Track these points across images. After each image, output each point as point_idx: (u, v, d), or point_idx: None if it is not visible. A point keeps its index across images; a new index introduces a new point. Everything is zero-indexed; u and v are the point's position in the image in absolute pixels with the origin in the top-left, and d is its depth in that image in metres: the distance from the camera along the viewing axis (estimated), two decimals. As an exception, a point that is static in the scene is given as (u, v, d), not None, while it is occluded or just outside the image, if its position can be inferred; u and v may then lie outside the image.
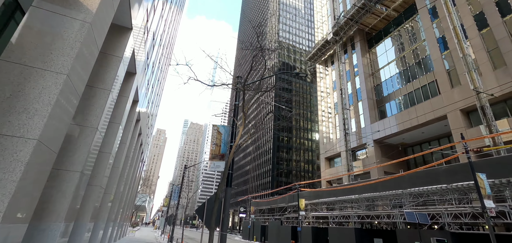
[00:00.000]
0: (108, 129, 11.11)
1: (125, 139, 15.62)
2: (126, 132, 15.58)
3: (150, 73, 21.66)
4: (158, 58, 26.05)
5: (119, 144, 14.29)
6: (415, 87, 29.97)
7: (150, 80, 23.24)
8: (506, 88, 19.72)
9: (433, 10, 28.07)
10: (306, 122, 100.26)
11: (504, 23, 21.06)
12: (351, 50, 41.74)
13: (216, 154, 10.99)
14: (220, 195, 9.44)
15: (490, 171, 15.79)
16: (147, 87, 21.53)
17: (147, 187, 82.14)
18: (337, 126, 40.80)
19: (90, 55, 6.30)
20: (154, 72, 25.36)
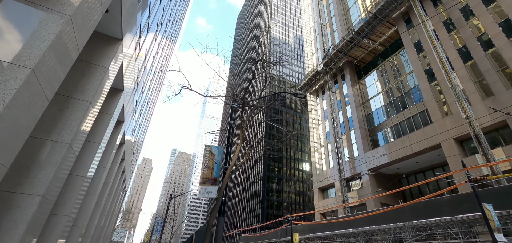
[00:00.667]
0: (84, 148, 9.69)
1: (104, 162, 13.84)
2: (107, 154, 13.91)
3: (140, 94, 20.55)
4: (148, 80, 24.93)
5: (96, 167, 12.50)
6: (406, 116, 30.26)
7: (139, 101, 21.82)
8: (497, 118, 19.93)
9: (418, 44, 29.41)
10: (297, 152, 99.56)
11: (487, 56, 22.01)
12: (341, 81, 42.69)
13: (208, 178, 9.71)
14: (212, 225, 8.07)
15: (495, 201, 15.11)
16: (134, 108, 20.18)
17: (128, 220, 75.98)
18: (330, 155, 40.13)
19: (66, 54, 5.24)
20: (144, 94, 24.09)
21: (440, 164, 28.14)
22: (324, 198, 40.52)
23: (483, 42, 22.62)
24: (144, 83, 21.54)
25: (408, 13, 31.91)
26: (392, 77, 34.69)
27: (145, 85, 23.09)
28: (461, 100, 21.74)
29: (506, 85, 20.18)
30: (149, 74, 23.71)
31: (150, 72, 23.33)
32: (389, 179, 33.03)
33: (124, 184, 37.89)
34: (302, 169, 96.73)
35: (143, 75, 19.68)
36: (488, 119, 20.52)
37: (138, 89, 19.77)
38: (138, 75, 16.87)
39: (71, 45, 5.41)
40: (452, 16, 26.02)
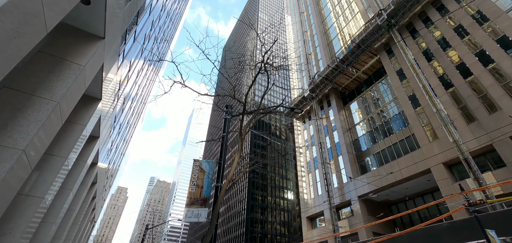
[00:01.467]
0: (45, 161, 8.14)
1: (70, 184, 11.93)
2: (75, 174, 12.09)
3: (120, 109, 19.38)
4: (126, 119, 24.00)
5: (59, 188, 10.59)
6: (393, 142, 30.48)
7: (119, 117, 20.28)
8: (483, 143, 20.30)
9: (401, 72, 30.66)
10: (281, 180, 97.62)
11: (467, 83, 23.07)
12: (327, 107, 43.19)
13: (196, 198, 8.15)
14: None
15: (495, 226, 14.57)
16: (113, 124, 18.64)
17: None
18: (318, 182, 39.08)
19: (28, 31, 4.22)
20: (125, 110, 22.69)
21: (429, 190, 28.02)
22: (313, 228, 38.62)
23: (462, 70, 23.85)
24: (126, 98, 19.77)
25: (388, 44, 33.67)
26: (376, 104, 35.54)
27: (127, 101, 21.18)
28: (447, 125, 22.14)
29: (488, 111, 20.91)
30: (132, 90, 22.13)
31: (133, 87, 21.78)
32: (379, 206, 32.29)
33: (93, 213, 33.70)
34: (287, 197, 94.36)
35: (126, 88, 18.16)
36: (475, 144, 20.85)
37: (115, 131, 18.84)
38: (120, 87, 15.55)
39: (37, 22, 4.27)
40: (430, 46, 27.62)
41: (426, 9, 29.50)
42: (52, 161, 8.34)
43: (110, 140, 19.79)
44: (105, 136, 16.02)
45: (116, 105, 16.03)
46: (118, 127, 21.34)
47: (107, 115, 14.01)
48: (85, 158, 12.51)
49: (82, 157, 12.40)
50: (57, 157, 8.51)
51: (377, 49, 35.40)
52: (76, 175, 11.99)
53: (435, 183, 26.81)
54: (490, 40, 22.13)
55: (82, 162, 12.43)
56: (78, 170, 12.14)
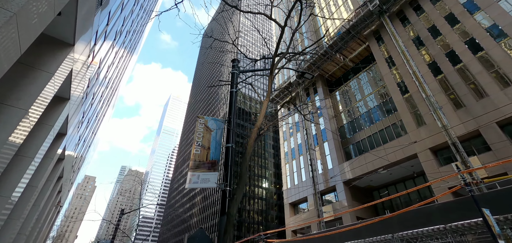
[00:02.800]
0: (13, 163, 8.24)
1: (36, 181, 11.83)
2: (41, 171, 12.00)
3: (89, 104, 18.82)
4: (101, 90, 22.76)
5: (25, 186, 10.58)
6: (379, 128, 30.67)
7: (87, 112, 19.70)
8: (471, 129, 20.72)
9: (390, 59, 30.71)
10: (260, 169, 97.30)
11: (456, 70, 23.43)
12: (313, 93, 42.67)
13: (202, 161, 6.41)
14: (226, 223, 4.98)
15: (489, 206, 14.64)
16: (81, 120, 18.06)
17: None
18: (302, 168, 38.68)
19: (4, 56, 4.86)
20: (94, 105, 21.90)
21: (411, 176, 28.67)
22: (295, 214, 38.35)
23: (451, 58, 24.17)
24: (95, 94, 19.58)
25: (378, 31, 33.57)
26: (362, 91, 35.61)
27: (96, 96, 20.94)
28: (436, 110, 22.33)
29: (476, 97, 21.35)
30: (102, 85, 21.47)
31: (103, 82, 21.27)
32: (363, 192, 32.65)
33: (59, 206, 31.31)
34: (264, 186, 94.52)
35: (95, 85, 17.74)
36: (462, 129, 21.25)
37: (88, 100, 17.83)
38: (89, 85, 15.23)
39: (12, 46, 4.98)
40: (421, 34, 27.78)
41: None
42: (20, 161, 8.76)
43: (78, 135, 19.78)
44: (72, 132, 16.11)
45: (84, 102, 16.14)
46: (86, 122, 21.36)
47: (75, 113, 14.08)
48: (51, 155, 12.70)
49: (49, 154, 12.55)
50: (25, 157, 8.84)
51: (366, 36, 35.22)
52: (43, 172, 12.16)
53: (418, 168, 27.45)
54: (480, 29, 22.52)
55: (49, 159, 12.55)
56: (45, 167, 12.34)
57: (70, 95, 10.84)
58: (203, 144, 6.74)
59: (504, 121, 19.24)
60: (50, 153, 12.57)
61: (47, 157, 12.40)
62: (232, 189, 5.79)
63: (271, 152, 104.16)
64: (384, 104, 31.57)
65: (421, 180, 28.18)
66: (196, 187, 6.12)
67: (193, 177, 6.17)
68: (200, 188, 6.20)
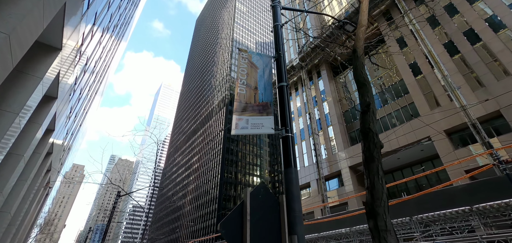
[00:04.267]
0: (4, 161, 9.00)
1: (26, 175, 12.45)
2: (30, 166, 12.64)
3: (76, 100, 19.25)
4: (88, 85, 22.79)
5: (16, 181, 11.25)
6: (387, 112, 29.63)
7: (74, 107, 19.91)
8: (490, 109, 19.80)
9: (401, 40, 29.45)
10: (255, 157, 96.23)
11: (475, 49, 22.36)
12: (316, 77, 41.22)
13: (250, 103, 4.73)
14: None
15: None
16: (68, 115, 18.49)
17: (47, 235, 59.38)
18: (304, 153, 37.54)
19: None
20: (81, 99, 22.39)
21: (420, 160, 27.93)
22: (297, 200, 37.38)
23: (470, 36, 23.06)
24: (82, 89, 19.79)
25: (389, 11, 32.15)
26: (371, 74, 34.40)
27: (84, 91, 21.13)
28: (454, 90, 21.28)
29: (497, 77, 20.37)
30: (90, 79, 21.68)
31: (90, 76, 21.59)
32: (367, 177, 31.84)
33: (46, 196, 30.61)
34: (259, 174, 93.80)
35: (82, 79, 17.94)
36: (481, 110, 20.32)
37: (75, 95, 17.90)
38: (76, 82, 15.53)
39: (4, 62, 5.44)
40: (436, 13, 26.51)
41: (432, -26, 28.14)
42: (11, 159, 9.26)
43: (65, 129, 20.04)
44: (60, 127, 16.48)
45: (72, 98, 16.43)
46: (74, 116, 21.44)
47: (63, 109, 14.41)
48: (40, 150, 13.22)
49: (38, 150, 13.01)
50: (15, 155, 9.38)
51: (375, 17, 33.75)
52: (31, 167, 12.78)
53: (427, 153, 26.65)
54: (503, 6, 21.38)
55: (37, 154, 13.06)
56: (33, 162, 12.96)
57: (58, 94, 11.21)
58: (248, 83, 5.09)
59: (528, 101, 18.37)
60: (39, 148, 13.13)
61: (36, 153, 12.97)
62: (363, 101, 4.96)
63: (266, 140, 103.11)
64: (392, 87, 30.47)
65: (429, 165, 27.48)
66: (246, 133, 4.50)
67: (240, 122, 4.54)
68: (252, 134, 4.59)
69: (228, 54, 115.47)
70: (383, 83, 31.93)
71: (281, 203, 3.72)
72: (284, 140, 4.29)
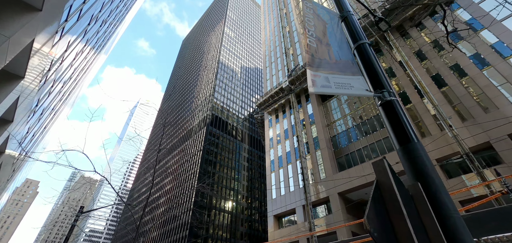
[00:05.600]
0: None
1: None
2: None
3: (36, 120, 18.34)
4: (52, 104, 21.82)
5: None
6: (376, 139, 29.54)
7: (43, 101, 18.26)
8: (480, 140, 20.12)
9: (390, 70, 30.43)
10: (231, 181, 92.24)
11: (461, 83, 23.33)
12: (305, 101, 41.10)
13: (325, 59, 3.15)
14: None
15: None
16: (33, 109, 16.96)
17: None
18: (290, 177, 35.88)
19: None
20: (51, 95, 20.33)
21: (409, 190, 27.51)
22: (280, 227, 34.89)
23: (456, 71, 24.18)
24: (56, 80, 18.11)
25: (377, 44, 33.59)
26: (359, 101, 34.85)
27: (56, 85, 19.34)
28: (446, 120, 21.57)
29: (484, 109, 21.07)
30: (66, 72, 19.85)
31: (68, 70, 19.66)
32: (355, 205, 30.71)
33: None
34: (235, 200, 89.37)
35: (57, 72, 16.32)
36: (471, 141, 20.60)
37: (46, 86, 16.31)
38: (51, 67, 13.89)
39: None
40: (423, 48, 27.94)
41: (417, 14, 30.20)
42: None
43: (27, 126, 17.82)
44: (20, 121, 14.24)
45: (42, 87, 14.61)
46: (40, 112, 19.20)
47: (28, 97, 12.72)
48: None
49: None
50: None
51: (364, 48, 35.01)
52: None
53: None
54: (485, 45, 22.89)
55: None
56: None
57: (25, 73, 9.68)
58: (318, 36, 3.69)
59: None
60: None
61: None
62: None
63: (244, 164, 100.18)
64: (381, 116, 30.76)
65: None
66: (329, 92, 2.97)
67: (317, 79, 3.07)
68: (337, 94, 3.03)
69: (213, 75, 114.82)
70: (363, 115, 32.27)
71: (417, 196, 2.09)
72: (388, 106, 2.78)
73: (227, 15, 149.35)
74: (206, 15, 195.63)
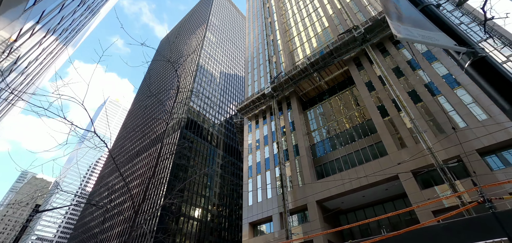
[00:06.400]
0: None
1: None
2: None
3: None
4: (10, 87, 18.81)
5: None
6: (354, 149, 30.16)
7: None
8: (451, 153, 21.29)
9: (369, 84, 31.63)
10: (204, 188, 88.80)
11: (435, 100, 24.83)
12: (286, 108, 41.11)
13: (400, 13, 2.53)
14: None
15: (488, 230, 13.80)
16: None
17: None
18: (268, 184, 35.07)
19: None
20: None
21: (384, 199, 28.26)
22: (255, 235, 33.62)
23: (430, 89, 25.75)
24: (9, 71, 16.65)
25: (358, 58, 34.96)
26: (338, 112, 35.64)
27: (5, 73, 17.07)
28: (421, 134, 22.59)
29: (456, 126, 22.46)
30: (23, 61, 18.26)
31: (22, 61, 18.22)
32: (332, 215, 30.73)
33: None
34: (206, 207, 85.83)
35: (13, 56, 14.81)
36: (443, 154, 21.71)
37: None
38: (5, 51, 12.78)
39: None
40: (400, 65, 29.53)
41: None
42: None
43: None
44: None
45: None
46: None
47: None
48: None
49: None
50: None
51: (346, 61, 36.26)
52: None
53: (391, 192, 27.16)
54: (456, 67, 24.74)
55: None
56: None
57: None
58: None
59: (484, 150, 20.32)
60: None
61: None
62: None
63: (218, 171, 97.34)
64: (360, 127, 31.67)
65: (391, 206, 27.98)
66: (415, 40, 2.37)
67: (399, 28, 2.54)
68: (423, 43, 2.32)
69: (191, 78, 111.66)
70: (358, 117, 33.08)
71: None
72: (481, 64, 2.18)
73: (210, 20, 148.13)
74: (188, 17, 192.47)
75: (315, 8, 50.26)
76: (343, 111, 35.37)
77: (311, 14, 50.11)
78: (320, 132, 36.12)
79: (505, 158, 20.17)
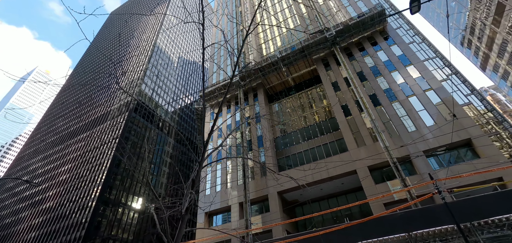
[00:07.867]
0: None
1: None
2: None
3: None
4: None
5: None
6: (316, 144, 31.21)
7: None
8: (403, 153, 23.63)
9: (335, 84, 33.21)
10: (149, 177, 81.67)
11: (392, 105, 27.31)
12: (253, 99, 40.36)
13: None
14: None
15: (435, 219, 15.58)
16: None
17: None
18: (229, 173, 33.76)
19: None
20: None
21: (340, 193, 29.86)
22: (210, 224, 31.93)
23: (388, 94, 28.24)
24: None
25: (326, 58, 36.44)
26: (302, 108, 36.53)
27: None
28: (380, 133, 24.50)
29: (407, 129, 25.03)
30: None
31: None
32: (290, 207, 31.20)
33: None
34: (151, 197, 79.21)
35: None
36: (396, 153, 23.94)
37: None
38: None
39: None
40: (364, 70, 31.74)
41: (362, 41, 34.49)
42: None
43: None
44: None
45: None
46: None
47: None
48: None
49: None
50: None
51: (314, 60, 37.41)
52: None
53: (346, 186, 28.89)
54: (410, 78, 27.71)
55: None
56: None
57: None
58: None
59: (429, 151, 23.08)
60: None
61: None
62: None
63: (166, 160, 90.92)
64: (323, 123, 32.96)
65: (344, 199, 29.78)
66: None
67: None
68: None
69: (146, 58, 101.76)
70: (321, 115, 34.21)
71: None
72: None
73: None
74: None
75: (289, 4, 50.90)
76: (308, 108, 36.42)
77: (284, 10, 50.55)
78: (285, 125, 36.47)
79: (440, 159, 23.36)
